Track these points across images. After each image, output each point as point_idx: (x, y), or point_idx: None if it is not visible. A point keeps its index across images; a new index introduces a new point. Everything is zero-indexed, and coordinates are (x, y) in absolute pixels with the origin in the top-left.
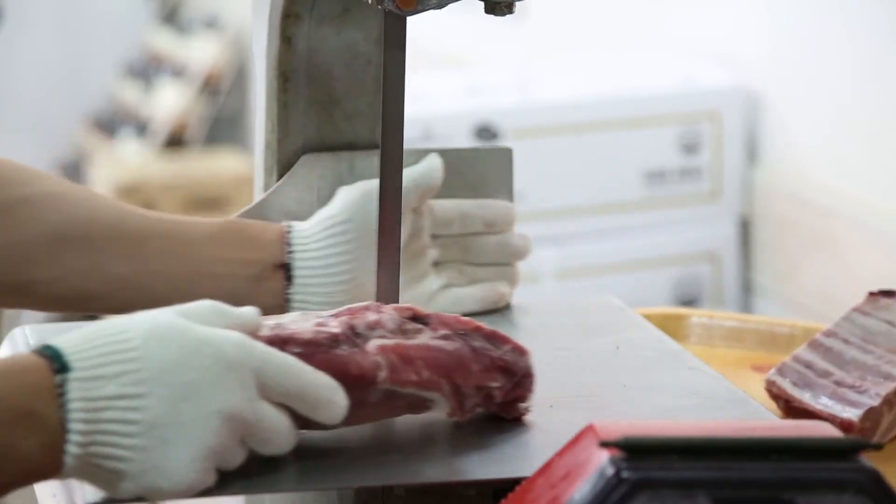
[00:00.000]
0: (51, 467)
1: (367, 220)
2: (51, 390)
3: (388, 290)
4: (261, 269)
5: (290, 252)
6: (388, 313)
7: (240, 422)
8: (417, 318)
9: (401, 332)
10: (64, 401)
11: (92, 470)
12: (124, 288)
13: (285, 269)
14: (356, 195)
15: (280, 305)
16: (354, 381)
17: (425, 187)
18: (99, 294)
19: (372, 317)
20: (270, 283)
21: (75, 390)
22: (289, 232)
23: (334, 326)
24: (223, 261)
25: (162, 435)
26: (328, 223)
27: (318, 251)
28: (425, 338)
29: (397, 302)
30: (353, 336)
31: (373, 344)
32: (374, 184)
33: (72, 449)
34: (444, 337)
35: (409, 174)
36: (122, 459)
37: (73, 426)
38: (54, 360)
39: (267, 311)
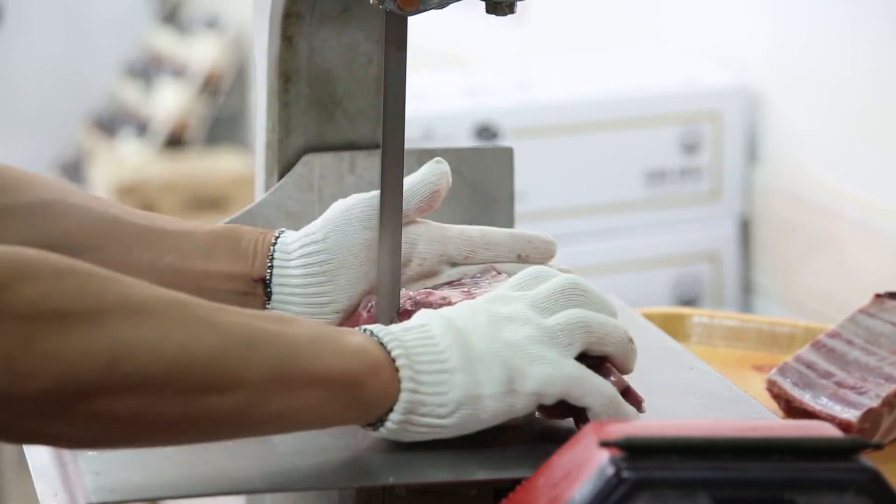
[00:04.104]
0: (388, 386)
1: (346, 239)
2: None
3: (388, 290)
4: (245, 284)
5: (270, 267)
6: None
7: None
8: None
9: None
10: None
11: (427, 394)
12: None
13: (264, 285)
14: (336, 213)
15: None
16: None
17: (426, 194)
18: None
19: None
20: (253, 297)
21: (389, 341)
22: (273, 244)
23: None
24: (210, 275)
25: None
26: (305, 240)
27: (294, 269)
28: None
29: (398, 302)
30: None
31: None
32: (358, 199)
33: (399, 357)
34: None
35: (408, 180)
36: (445, 371)
37: (388, 337)
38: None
39: None
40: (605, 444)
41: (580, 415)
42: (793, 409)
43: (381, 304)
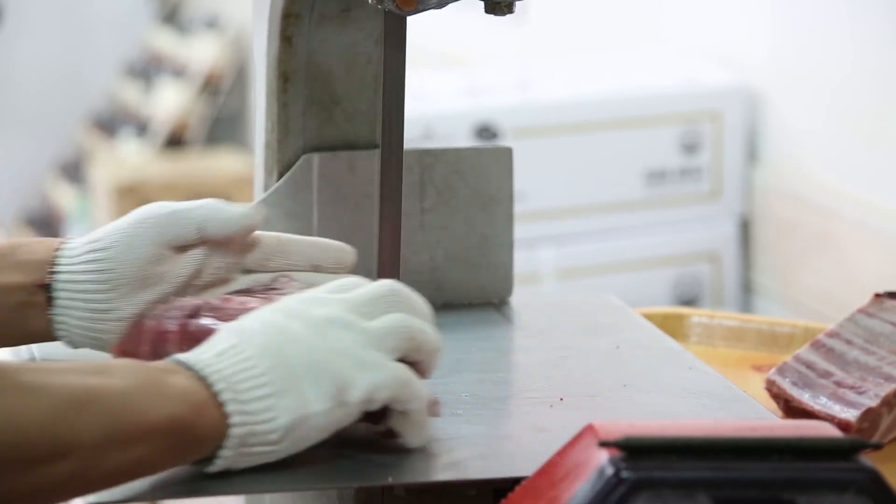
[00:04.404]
0: (218, 424)
1: (130, 252)
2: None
3: None
4: (24, 294)
5: (53, 272)
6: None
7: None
8: None
9: None
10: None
11: (255, 412)
12: None
13: (46, 290)
14: (125, 224)
15: (46, 330)
16: None
17: (209, 230)
18: None
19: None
20: (36, 307)
21: (191, 359)
22: (58, 249)
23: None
24: None
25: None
26: (89, 247)
27: (78, 275)
28: None
29: None
30: None
31: None
32: (150, 212)
33: (222, 391)
34: None
35: (197, 210)
36: (267, 384)
37: (210, 370)
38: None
39: (39, 336)
40: (604, 444)
41: (379, 418)
42: (792, 409)
43: None
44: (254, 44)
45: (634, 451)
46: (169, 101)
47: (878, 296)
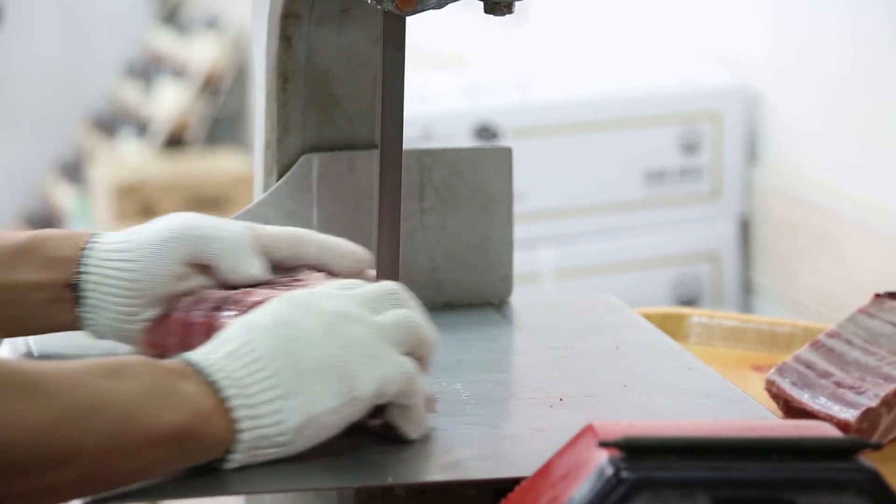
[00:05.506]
0: (225, 431)
1: (160, 267)
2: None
3: None
4: (52, 291)
5: (80, 272)
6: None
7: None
8: None
9: None
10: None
11: (266, 414)
12: None
13: (74, 289)
14: (157, 237)
15: (73, 323)
16: None
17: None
18: None
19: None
20: (64, 303)
21: (199, 360)
22: (84, 249)
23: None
24: (16, 287)
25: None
26: (119, 255)
27: (106, 279)
28: None
29: None
30: None
31: None
32: (174, 231)
33: (233, 398)
34: None
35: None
36: (276, 386)
37: (219, 374)
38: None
39: (67, 328)
40: (604, 445)
41: (377, 412)
42: (792, 409)
43: None
44: (254, 44)
45: (634, 451)
46: (169, 101)
47: (878, 296)
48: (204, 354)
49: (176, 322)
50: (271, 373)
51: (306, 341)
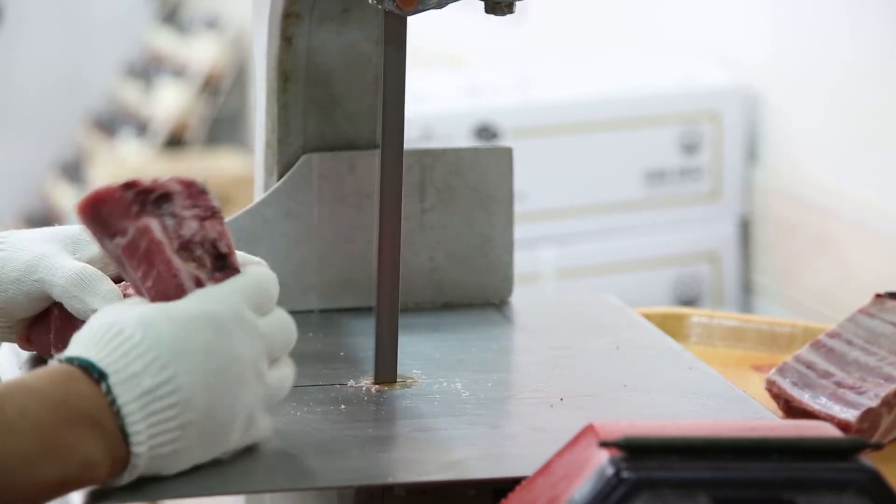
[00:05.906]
0: (110, 472)
1: (17, 295)
2: (102, 397)
3: (389, 291)
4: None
5: None
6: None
7: (259, 356)
8: None
9: None
10: (117, 406)
11: (156, 462)
12: None
13: None
14: (19, 265)
15: None
16: None
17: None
18: None
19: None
20: None
21: (122, 394)
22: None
23: None
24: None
25: (202, 403)
26: None
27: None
28: None
29: (397, 304)
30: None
31: None
32: (26, 266)
33: (139, 449)
34: None
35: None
36: (179, 439)
37: (134, 428)
38: (90, 369)
39: None
40: (604, 445)
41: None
42: (792, 409)
43: (381, 304)
44: (254, 44)
45: (634, 451)
46: (169, 101)
47: (878, 296)
48: (122, 385)
49: (55, 318)
50: (182, 423)
51: (212, 358)
